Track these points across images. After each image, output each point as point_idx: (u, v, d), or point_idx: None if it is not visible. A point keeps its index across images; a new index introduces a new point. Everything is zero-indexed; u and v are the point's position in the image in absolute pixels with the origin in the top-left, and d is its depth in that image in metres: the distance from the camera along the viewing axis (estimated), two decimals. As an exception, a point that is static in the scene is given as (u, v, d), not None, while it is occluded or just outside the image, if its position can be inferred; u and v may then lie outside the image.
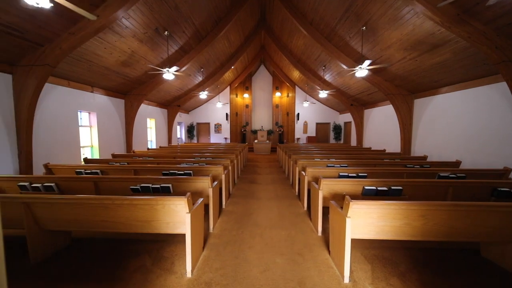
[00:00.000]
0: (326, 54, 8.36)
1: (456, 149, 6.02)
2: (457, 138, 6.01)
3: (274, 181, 6.60)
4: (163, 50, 6.81)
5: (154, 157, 6.50)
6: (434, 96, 6.83)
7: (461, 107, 5.91)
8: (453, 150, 6.09)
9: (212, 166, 4.53)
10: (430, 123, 7.04)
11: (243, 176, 7.33)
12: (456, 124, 6.02)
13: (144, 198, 2.30)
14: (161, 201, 2.28)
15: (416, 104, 7.63)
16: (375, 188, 3.10)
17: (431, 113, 6.96)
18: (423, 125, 7.34)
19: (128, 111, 8.36)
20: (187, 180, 3.37)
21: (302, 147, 10.05)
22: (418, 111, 7.57)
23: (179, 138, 14.32)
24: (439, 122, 6.63)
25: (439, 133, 6.63)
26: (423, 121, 7.31)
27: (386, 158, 6.10)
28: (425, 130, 7.26)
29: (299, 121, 15.08)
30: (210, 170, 4.47)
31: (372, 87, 8.72)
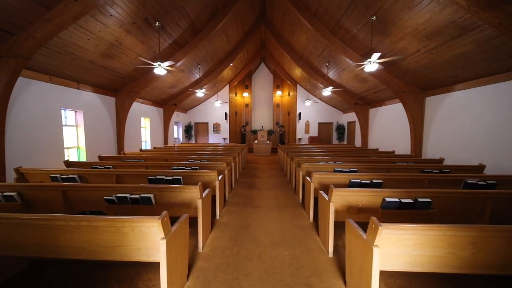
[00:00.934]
0: (331, 49, 7.83)
1: (475, 151, 5.47)
2: (476, 140, 5.46)
3: (275, 186, 6.07)
4: (155, 44, 6.28)
5: (145, 159, 5.97)
6: (449, 93, 6.29)
7: (481, 105, 5.36)
8: (472, 153, 5.55)
9: (205, 171, 4.00)
10: (443, 123, 6.50)
11: (242, 180, 6.80)
12: (475, 124, 5.48)
13: (108, 218, 1.77)
14: (129, 223, 1.75)
15: (428, 102, 7.09)
16: (398, 200, 2.57)
17: (445, 112, 6.42)
18: (435, 125, 6.79)
19: (119, 110, 7.84)
20: (173, 190, 2.84)
21: (304, 148, 9.51)
22: (430, 110, 7.02)
23: (176, 138, 13.80)
24: (455, 122, 6.08)
25: (454, 134, 6.09)
26: (436, 121, 6.77)
27: (398, 160, 5.56)
28: (438, 131, 6.72)
29: (300, 120, 14.55)
30: (202, 175, 3.94)
31: (380, 84, 8.18)
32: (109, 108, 7.54)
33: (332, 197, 2.63)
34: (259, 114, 16.53)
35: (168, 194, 2.84)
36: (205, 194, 3.01)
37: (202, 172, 3.99)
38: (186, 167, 4.79)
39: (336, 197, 2.64)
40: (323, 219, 2.91)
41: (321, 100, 14.32)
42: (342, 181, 3.61)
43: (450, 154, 6.13)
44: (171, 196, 2.85)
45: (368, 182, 3.54)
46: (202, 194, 2.90)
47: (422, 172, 4.37)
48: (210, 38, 7.92)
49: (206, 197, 2.99)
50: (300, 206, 4.41)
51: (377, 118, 10.24)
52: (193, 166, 4.85)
